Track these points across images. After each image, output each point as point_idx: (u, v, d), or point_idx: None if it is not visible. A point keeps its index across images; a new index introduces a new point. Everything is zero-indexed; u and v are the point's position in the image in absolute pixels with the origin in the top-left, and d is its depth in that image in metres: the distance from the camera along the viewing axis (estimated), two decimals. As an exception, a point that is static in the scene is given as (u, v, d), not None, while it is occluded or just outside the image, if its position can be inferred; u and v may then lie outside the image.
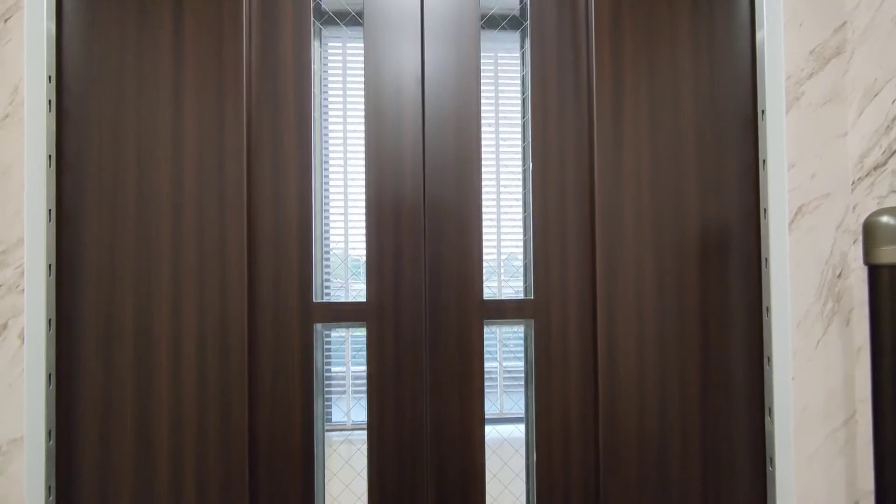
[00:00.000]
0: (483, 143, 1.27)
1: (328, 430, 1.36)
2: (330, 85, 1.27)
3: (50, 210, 1.09)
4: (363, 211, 1.20)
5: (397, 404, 1.18)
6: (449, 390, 1.18)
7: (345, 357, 1.36)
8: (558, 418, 1.20)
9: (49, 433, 1.07)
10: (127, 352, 1.11)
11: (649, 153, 1.20)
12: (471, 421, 1.19)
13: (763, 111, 1.20)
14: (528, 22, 1.22)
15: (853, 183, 1.17)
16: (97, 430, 1.11)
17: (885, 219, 0.98)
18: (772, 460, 1.19)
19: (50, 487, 1.08)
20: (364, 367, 1.29)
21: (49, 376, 1.08)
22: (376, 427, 1.17)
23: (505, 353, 1.38)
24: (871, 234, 0.99)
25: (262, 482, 1.15)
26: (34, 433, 1.05)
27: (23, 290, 1.06)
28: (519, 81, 1.29)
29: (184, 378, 1.12)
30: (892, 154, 1.16)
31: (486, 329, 1.31)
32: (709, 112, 1.22)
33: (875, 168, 1.17)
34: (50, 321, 1.08)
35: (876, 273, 0.98)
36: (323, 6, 1.24)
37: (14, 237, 1.06)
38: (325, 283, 1.28)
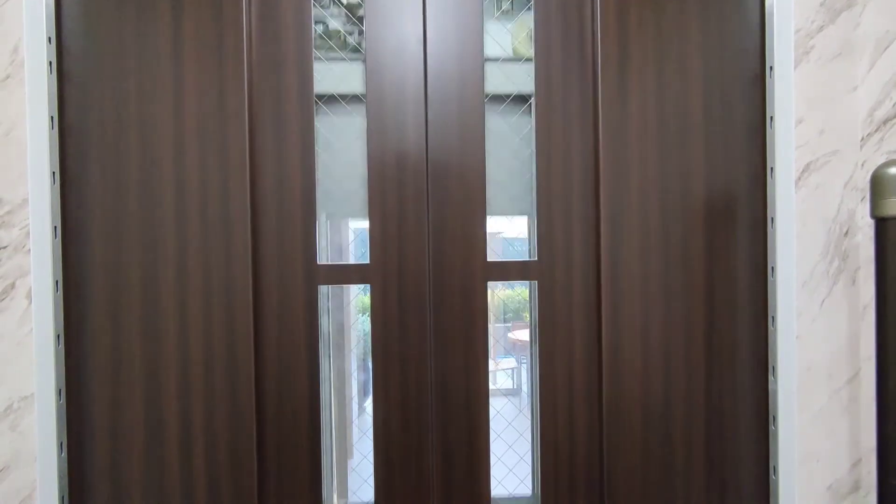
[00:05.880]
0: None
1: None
2: (331, 44, 1.25)
3: (54, 172, 1.09)
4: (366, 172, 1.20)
5: (402, 364, 1.19)
6: (453, 350, 1.19)
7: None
8: (562, 377, 1.21)
9: (59, 391, 1.09)
10: (134, 313, 1.12)
11: (655, 111, 1.19)
12: (476, 379, 1.19)
13: (771, 67, 1.18)
14: (532, -22, 1.20)
15: (862, 139, 1.15)
16: (107, 388, 1.12)
17: (893, 170, 0.97)
18: (775, 419, 1.19)
19: (62, 444, 1.10)
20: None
21: (58, 336, 1.09)
22: (381, 387, 1.18)
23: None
24: (878, 186, 0.98)
25: (270, 439, 1.17)
26: (44, 391, 1.07)
27: (29, 250, 1.06)
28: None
29: (191, 338, 1.13)
30: (903, 109, 1.14)
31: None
32: (716, 68, 1.19)
33: (885, 122, 1.15)
34: (57, 282, 1.09)
35: (883, 226, 0.97)
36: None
37: (19, 198, 1.06)
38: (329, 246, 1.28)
